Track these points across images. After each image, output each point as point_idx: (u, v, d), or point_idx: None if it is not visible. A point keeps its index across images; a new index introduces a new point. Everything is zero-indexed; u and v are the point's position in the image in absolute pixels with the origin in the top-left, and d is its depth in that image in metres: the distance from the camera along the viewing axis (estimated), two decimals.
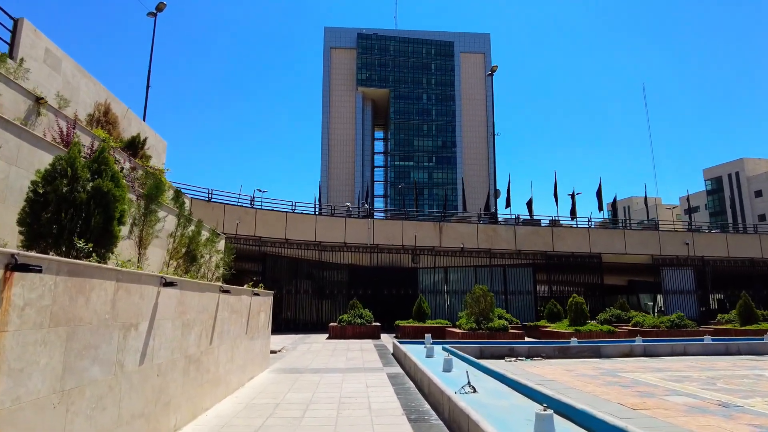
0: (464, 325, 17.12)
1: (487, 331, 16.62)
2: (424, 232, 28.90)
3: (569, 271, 29.98)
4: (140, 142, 13.96)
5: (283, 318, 28.25)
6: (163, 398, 5.47)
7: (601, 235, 30.43)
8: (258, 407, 7.28)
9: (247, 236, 26.08)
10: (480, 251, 29.14)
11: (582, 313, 17.82)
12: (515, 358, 13.48)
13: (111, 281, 4.32)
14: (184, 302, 6.14)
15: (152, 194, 7.58)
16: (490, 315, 17.44)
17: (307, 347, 17.31)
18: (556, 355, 13.79)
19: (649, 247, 30.43)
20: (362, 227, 28.46)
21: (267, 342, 11.73)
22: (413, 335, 21.19)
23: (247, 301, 9.69)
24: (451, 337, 17.43)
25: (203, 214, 24.59)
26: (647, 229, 32.32)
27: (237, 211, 26.08)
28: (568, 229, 30.60)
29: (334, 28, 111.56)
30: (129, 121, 15.66)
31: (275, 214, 27.09)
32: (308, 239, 27.48)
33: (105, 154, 5.64)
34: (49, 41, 11.72)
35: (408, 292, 28.56)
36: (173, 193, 12.90)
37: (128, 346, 4.62)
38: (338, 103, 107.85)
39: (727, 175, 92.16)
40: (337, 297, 28.74)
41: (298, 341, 19.91)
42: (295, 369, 11.59)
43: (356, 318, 21.60)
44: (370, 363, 12.59)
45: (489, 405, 6.47)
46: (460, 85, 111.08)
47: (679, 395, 8.19)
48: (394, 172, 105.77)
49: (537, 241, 29.52)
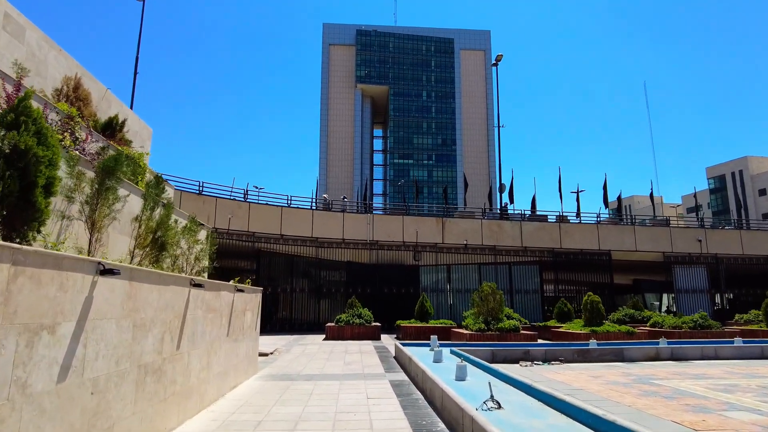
0: (471, 325, 15.81)
1: (497, 333, 15.32)
2: (426, 227, 27.59)
3: (577, 269, 28.69)
4: (118, 123, 12.71)
5: (279, 318, 26.93)
6: (102, 423, 4.15)
7: (611, 232, 29.14)
8: (235, 426, 5.96)
9: (240, 231, 24.74)
10: (484, 248, 27.84)
11: (598, 313, 16.51)
12: (531, 362, 12.18)
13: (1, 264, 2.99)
14: (136, 297, 4.82)
15: (109, 167, 6.24)
16: (500, 315, 16.13)
17: (302, 349, 16.01)
18: (575, 359, 12.49)
19: (660, 243, 29.14)
20: (361, 223, 27.14)
21: (255, 344, 10.42)
22: (415, 336, 19.90)
23: (229, 297, 8.37)
24: (458, 338, 16.13)
25: (193, 207, 23.27)
26: (658, 225, 31.03)
27: (229, 204, 24.74)
28: (577, 225, 29.30)
29: (332, 24, 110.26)
30: (109, 103, 14.34)
31: (269, 209, 25.76)
32: (304, 235, 26.15)
33: (27, 103, 4.32)
34: (10, 5, 10.38)
35: (409, 291, 27.26)
36: (153, 178, 11.63)
37: (37, 358, 3.30)
38: (337, 100, 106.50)
39: (731, 173, 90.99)
40: (335, 296, 27.43)
41: (292, 342, 18.60)
42: (286, 375, 10.27)
43: (355, 318, 20.29)
44: (370, 368, 11.28)
45: (523, 427, 5.16)
46: (460, 83, 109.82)
47: (739, 410, 6.90)
48: (393, 170, 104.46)
49: (544, 238, 28.23)
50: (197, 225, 9.88)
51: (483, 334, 15.19)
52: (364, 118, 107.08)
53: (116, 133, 12.60)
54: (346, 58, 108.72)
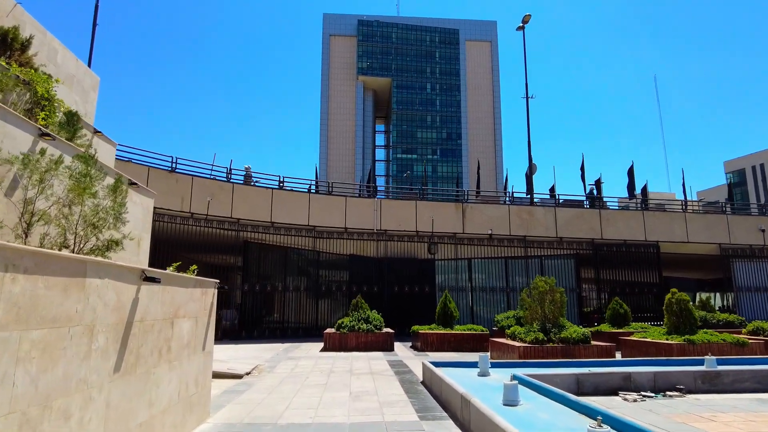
0: (523, 335, 11.55)
1: (560, 345, 11.10)
2: (444, 215, 23.35)
3: (619, 264, 24.38)
4: (17, 38, 8.70)
5: (269, 321, 22.73)
6: None
7: (659, 219, 24.87)
8: None
9: (222, 218, 20.52)
10: (512, 239, 23.59)
11: (689, 316, 12.25)
12: (637, 393, 7.94)
13: None
14: None
15: None
16: (560, 320, 11.89)
17: (292, 366, 11.78)
18: (701, 389, 8.26)
19: (716, 233, 24.89)
20: (367, 209, 22.91)
21: (202, 374, 6.19)
22: (438, 346, 15.69)
23: (128, 293, 4.15)
24: (505, 352, 11.86)
25: (164, 186, 19.13)
26: (712, 212, 26.77)
27: (208, 185, 20.51)
28: (620, 212, 25.04)
29: (333, 14, 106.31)
30: (23, 24, 10.12)
31: (258, 191, 21.51)
32: (300, 223, 21.92)
33: None
34: None
35: (423, 289, 23.03)
36: (63, 116, 7.54)
37: None
38: (338, 93, 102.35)
39: (751, 167, 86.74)
40: (335, 295, 23.21)
41: (282, 354, 14.38)
42: (252, 427, 6.04)
43: (361, 323, 16.07)
44: (393, 409, 7.04)
45: None
46: (465, 75, 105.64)
47: None
48: (396, 165, 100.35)
49: (582, 227, 23.97)
50: (124, 186, 5.78)
51: (542, 347, 10.95)
52: (365, 111, 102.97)
53: (13, 52, 8.54)
54: (347, 49, 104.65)
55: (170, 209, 19.34)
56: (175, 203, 19.56)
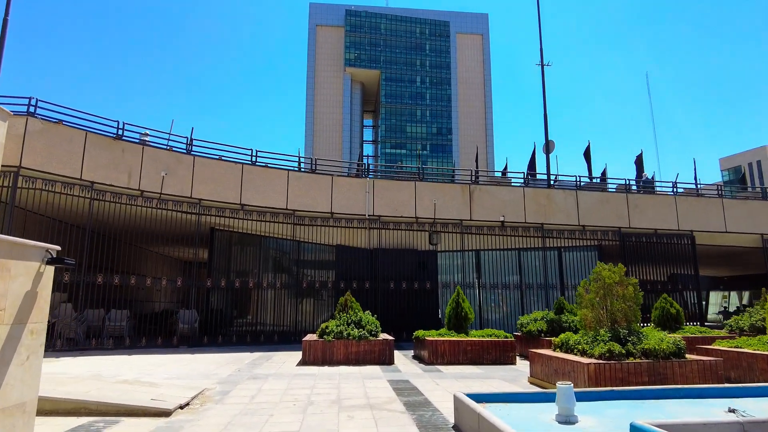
0: (589, 348, 7.98)
1: (645, 360, 7.59)
2: (448, 198, 19.79)
3: (648, 256, 20.99)
4: None
5: (239, 324, 18.97)
6: None
7: (693, 206, 21.60)
8: None
9: (180, 197, 16.69)
10: (528, 227, 20.11)
11: None
12: None
13: None
14: None
15: None
16: (635, 324, 8.39)
17: (255, 390, 8.09)
18: None
19: (759, 223, 21.72)
20: (358, 191, 19.25)
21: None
22: (451, 357, 12.12)
23: None
24: (561, 369, 8.28)
25: (107, 157, 15.33)
26: (752, 197, 23.60)
27: (164, 157, 16.66)
28: (650, 197, 21.71)
29: (320, 3, 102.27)
30: None
31: (225, 165, 17.70)
32: (277, 206, 18.16)
33: None
34: None
35: (424, 286, 19.43)
36: None
37: None
38: (324, 85, 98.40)
39: (748, 164, 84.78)
40: (320, 293, 19.52)
41: (245, 371, 10.65)
42: None
43: (351, 327, 12.39)
44: None
45: None
46: (456, 68, 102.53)
47: None
48: (384, 160, 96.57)
49: (608, 214, 20.58)
50: None
51: (620, 364, 7.42)
52: (353, 104, 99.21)
53: None
54: (334, 40, 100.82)
55: (113, 185, 15.48)
56: (121, 179, 15.70)
